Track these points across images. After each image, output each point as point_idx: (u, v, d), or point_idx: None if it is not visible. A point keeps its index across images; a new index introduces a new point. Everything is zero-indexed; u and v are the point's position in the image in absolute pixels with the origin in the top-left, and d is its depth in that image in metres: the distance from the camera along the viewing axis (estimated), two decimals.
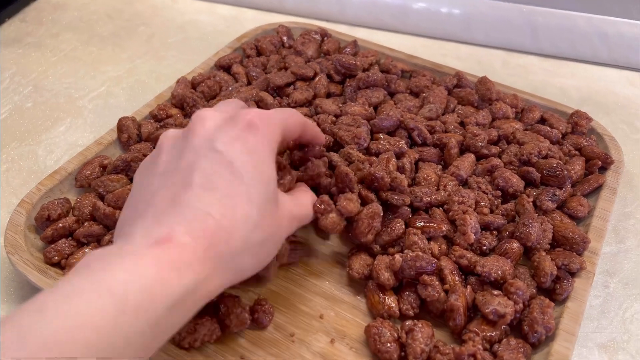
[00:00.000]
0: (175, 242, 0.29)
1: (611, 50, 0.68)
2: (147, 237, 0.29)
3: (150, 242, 0.29)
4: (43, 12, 0.76)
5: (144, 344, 0.26)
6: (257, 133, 0.33)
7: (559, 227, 0.44)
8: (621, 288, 0.44)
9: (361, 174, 0.45)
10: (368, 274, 0.42)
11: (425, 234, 0.43)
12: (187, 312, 0.29)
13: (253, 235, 0.32)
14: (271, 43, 0.64)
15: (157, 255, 0.28)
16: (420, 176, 0.49)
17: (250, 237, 0.32)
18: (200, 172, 0.32)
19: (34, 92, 0.62)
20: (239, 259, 0.32)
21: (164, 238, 0.29)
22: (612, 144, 0.53)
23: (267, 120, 0.35)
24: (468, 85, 0.59)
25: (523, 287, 0.39)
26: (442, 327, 0.40)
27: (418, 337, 0.37)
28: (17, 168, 0.53)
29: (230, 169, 0.32)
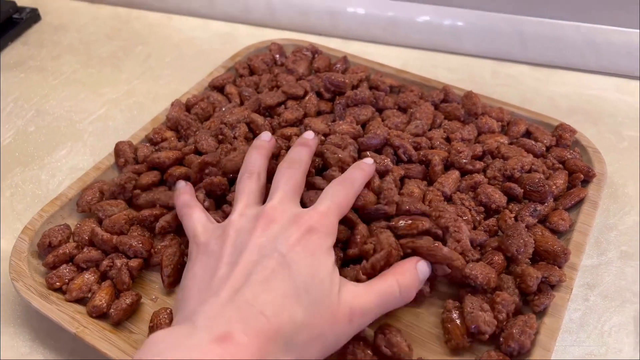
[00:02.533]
0: (235, 341, 0.31)
1: (600, 57, 0.69)
2: (209, 332, 0.32)
3: (213, 337, 0.31)
4: (44, 35, 0.79)
5: None
6: (316, 236, 0.38)
7: (540, 241, 0.45)
8: (600, 301, 0.45)
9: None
10: None
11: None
12: None
13: (298, 336, 0.34)
14: (263, 62, 0.66)
15: (219, 354, 0.31)
16: (405, 192, 0.50)
17: (295, 338, 0.34)
18: (261, 271, 0.35)
19: (37, 116, 0.64)
20: (285, 356, 0.34)
21: (225, 336, 0.32)
22: (596, 157, 0.54)
23: (326, 221, 0.39)
24: (455, 100, 0.60)
25: (508, 299, 0.41)
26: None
27: None
28: (22, 193, 0.55)
29: (289, 274, 0.35)
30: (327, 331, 0.35)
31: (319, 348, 0.35)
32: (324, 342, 0.36)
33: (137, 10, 0.84)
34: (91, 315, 0.42)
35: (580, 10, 0.68)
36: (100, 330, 0.41)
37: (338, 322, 0.36)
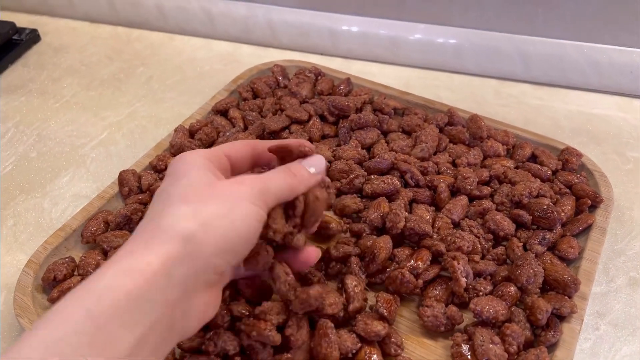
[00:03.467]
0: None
1: (602, 76, 0.69)
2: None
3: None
4: (44, 56, 0.78)
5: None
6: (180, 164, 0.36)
7: (549, 269, 0.45)
8: (611, 329, 0.45)
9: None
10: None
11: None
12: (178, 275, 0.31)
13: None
14: (266, 84, 0.66)
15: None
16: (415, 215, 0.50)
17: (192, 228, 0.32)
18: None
19: (38, 141, 0.64)
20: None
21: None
22: (602, 181, 0.54)
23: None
24: (459, 123, 0.60)
25: (518, 331, 0.41)
26: None
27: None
28: (24, 222, 0.54)
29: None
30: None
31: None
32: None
33: (138, 30, 0.83)
34: None
35: (582, 30, 0.69)
36: None
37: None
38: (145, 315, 0.29)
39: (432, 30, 0.74)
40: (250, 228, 0.33)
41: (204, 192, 0.33)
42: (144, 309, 0.29)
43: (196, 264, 0.31)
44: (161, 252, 0.30)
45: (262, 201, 0.34)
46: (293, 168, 0.38)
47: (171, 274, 0.30)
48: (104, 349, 0.27)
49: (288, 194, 0.36)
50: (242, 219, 0.33)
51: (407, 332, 0.44)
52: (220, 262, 0.32)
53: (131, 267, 0.29)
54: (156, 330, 0.29)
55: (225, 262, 0.33)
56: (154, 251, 0.30)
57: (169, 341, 0.31)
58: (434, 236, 0.48)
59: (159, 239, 0.31)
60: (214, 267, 0.32)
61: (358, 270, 0.46)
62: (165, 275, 0.29)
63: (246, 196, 0.33)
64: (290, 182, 0.36)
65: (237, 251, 0.33)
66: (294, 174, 0.37)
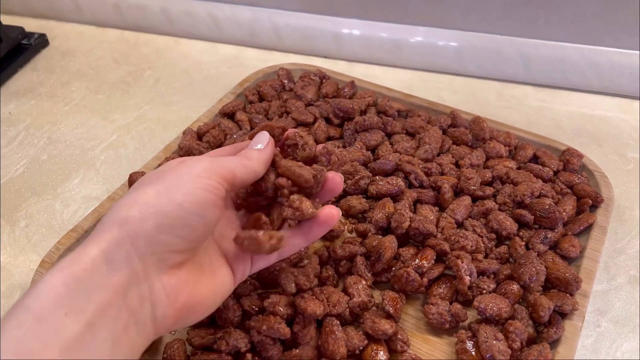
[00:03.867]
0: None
1: (602, 78, 0.70)
2: None
3: None
4: (52, 60, 0.79)
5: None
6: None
7: (551, 268, 0.46)
8: (612, 326, 0.46)
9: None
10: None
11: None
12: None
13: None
14: (272, 87, 0.67)
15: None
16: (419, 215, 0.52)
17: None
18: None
19: (49, 144, 0.65)
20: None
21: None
22: (603, 181, 0.55)
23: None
24: (462, 125, 0.61)
25: (521, 328, 0.42)
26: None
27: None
28: (36, 224, 0.56)
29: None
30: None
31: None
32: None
33: (145, 34, 0.85)
34: None
35: (583, 33, 0.70)
36: None
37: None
38: (89, 301, 0.28)
39: (435, 33, 0.75)
40: (195, 199, 0.32)
41: (155, 178, 0.33)
42: (87, 295, 0.28)
43: (138, 244, 0.30)
44: (99, 240, 0.30)
45: (213, 172, 0.34)
46: (242, 152, 0.38)
47: (111, 259, 0.29)
48: (49, 338, 0.26)
49: (244, 171, 0.36)
50: (185, 192, 0.32)
51: (413, 330, 0.45)
52: (170, 239, 0.31)
53: (69, 261, 0.29)
54: (108, 316, 0.29)
55: (177, 238, 0.32)
56: (92, 242, 0.30)
57: (135, 331, 0.30)
58: (438, 236, 0.49)
59: (97, 232, 0.31)
60: (163, 245, 0.31)
61: (364, 269, 0.47)
62: (105, 260, 0.29)
63: (193, 171, 0.33)
64: (243, 162, 0.36)
65: (187, 225, 0.32)
66: (245, 156, 0.37)
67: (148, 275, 0.31)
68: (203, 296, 0.34)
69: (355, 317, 0.45)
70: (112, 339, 0.29)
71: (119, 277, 0.29)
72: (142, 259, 0.31)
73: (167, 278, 0.32)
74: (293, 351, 0.41)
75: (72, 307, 0.27)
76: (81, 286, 0.28)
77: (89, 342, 0.27)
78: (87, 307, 0.28)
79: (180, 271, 0.33)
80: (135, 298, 0.30)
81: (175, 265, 0.32)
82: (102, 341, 0.28)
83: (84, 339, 0.27)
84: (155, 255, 0.31)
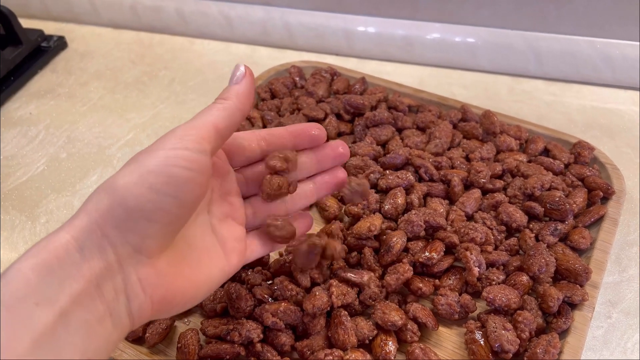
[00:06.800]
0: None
1: (615, 71, 0.70)
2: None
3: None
4: (71, 62, 0.81)
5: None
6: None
7: (561, 259, 0.46)
8: (623, 318, 0.46)
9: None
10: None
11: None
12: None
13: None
14: (284, 85, 0.68)
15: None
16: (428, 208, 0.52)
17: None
18: None
19: (68, 143, 0.67)
20: None
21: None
22: (614, 173, 0.55)
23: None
24: (473, 119, 0.61)
25: (530, 318, 0.42)
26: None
27: None
28: (56, 219, 0.57)
29: None
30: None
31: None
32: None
33: (160, 35, 0.86)
34: (128, 339, 0.44)
35: (594, 26, 0.69)
36: (136, 355, 0.43)
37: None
38: (61, 290, 0.26)
39: (446, 29, 0.75)
40: (165, 178, 0.29)
41: (132, 159, 0.30)
42: (59, 284, 0.26)
43: (108, 232, 0.28)
44: (71, 227, 0.28)
45: (188, 139, 0.30)
46: (220, 94, 0.34)
47: (83, 247, 0.27)
48: (19, 327, 0.24)
49: (227, 115, 0.32)
50: (153, 170, 0.28)
51: None
52: (142, 225, 0.29)
53: (39, 248, 0.27)
54: (82, 307, 0.27)
55: (149, 223, 0.29)
56: (63, 229, 0.28)
57: (111, 324, 0.28)
58: (448, 229, 0.50)
59: (71, 218, 0.28)
60: (135, 232, 0.28)
61: (373, 261, 0.47)
62: (78, 248, 0.27)
63: (166, 144, 0.30)
64: (221, 107, 0.33)
65: (159, 208, 0.29)
66: (221, 98, 0.33)
67: (122, 267, 0.29)
68: (183, 289, 0.32)
69: (365, 308, 0.45)
70: (85, 330, 0.27)
71: (92, 266, 0.27)
72: (115, 249, 0.28)
73: (144, 270, 0.29)
74: (304, 341, 0.42)
75: (44, 296, 0.25)
76: (53, 274, 0.26)
77: (61, 333, 0.26)
78: (59, 297, 0.26)
79: (159, 261, 0.30)
80: (109, 290, 0.28)
81: (152, 254, 0.30)
82: (74, 332, 0.26)
83: (56, 329, 0.25)
84: (129, 244, 0.28)
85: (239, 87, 0.34)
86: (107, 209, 0.28)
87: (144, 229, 0.29)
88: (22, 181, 0.62)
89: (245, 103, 0.34)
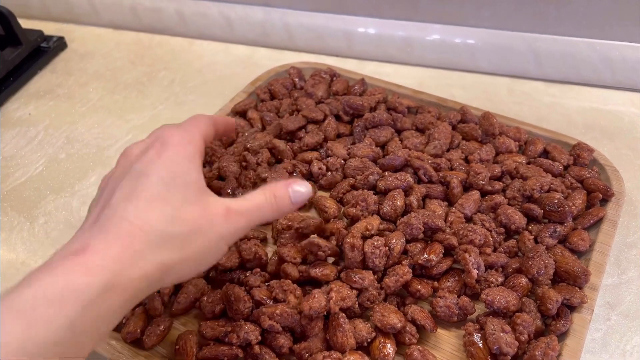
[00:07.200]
0: (89, 250, 0.30)
1: (615, 73, 0.70)
2: (64, 252, 0.31)
3: (66, 254, 0.30)
4: (71, 62, 0.81)
5: (65, 346, 0.28)
6: (170, 148, 0.36)
7: (560, 262, 0.46)
8: (622, 320, 0.46)
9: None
10: None
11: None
12: (108, 310, 0.30)
13: (171, 228, 0.33)
14: (283, 86, 0.68)
15: (68, 265, 0.29)
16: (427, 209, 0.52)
17: (168, 230, 0.33)
18: (120, 190, 0.34)
19: (67, 143, 0.67)
20: (161, 253, 0.33)
21: (79, 249, 0.30)
22: (614, 175, 0.55)
23: (180, 134, 0.37)
24: (472, 120, 0.61)
25: (529, 320, 0.42)
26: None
27: None
28: (54, 220, 0.57)
29: (148, 181, 0.34)
30: (205, 225, 0.35)
31: (200, 244, 0.35)
32: (205, 237, 0.35)
33: (159, 36, 0.86)
34: (126, 341, 0.44)
35: (594, 27, 0.69)
36: (134, 356, 0.42)
37: (214, 216, 0.35)
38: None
39: (445, 30, 0.75)
40: (201, 265, 0.37)
41: (186, 215, 0.34)
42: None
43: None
44: (106, 278, 0.30)
45: (233, 239, 0.37)
46: (278, 195, 0.39)
47: (105, 304, 0.30)
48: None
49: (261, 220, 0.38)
50: (210, 263, 0.37)
51: None
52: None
53: (68, 286, 0.29)
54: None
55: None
56: (95, 269, 0.30)
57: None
58: (447, 230, 0.50)
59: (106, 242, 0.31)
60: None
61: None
62: (100, 303, 0.30)
63: (220, 243, 0.36)
64: (269, 215, 0.38)
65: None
66: (277, 207, 0.38)
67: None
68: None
69: (364, 310, 0.45)
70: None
71: (103, 327, 0.31)
72: (120, 312, 0.32)
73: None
74: (302, 343, 0.42)
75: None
76: (73, 333, 0.28)
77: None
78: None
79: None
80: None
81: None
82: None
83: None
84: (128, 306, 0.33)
85: (295, 207, 0.40)
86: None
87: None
88: (21, 182, 0.62)
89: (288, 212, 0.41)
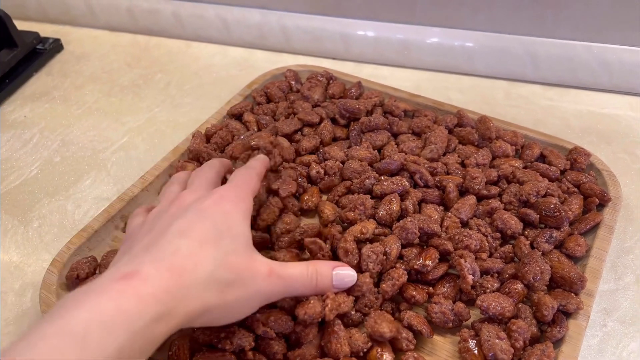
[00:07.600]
0: (140, 276, 0.31)
1: (612, 76, 0.70)
2: (114, 274, 0.32)
3: (117, 277, 0.31)
4: (67, 64, 0.81)
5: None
6: (227, 202, 0.39)
7: (556, 267, 0.46)
8: (619, 326, 0.46)
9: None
10: None
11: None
12: (153, 339, 0.31)
13: (218, 271, 0.35)
14: (279, 89, 0.68)
15: (120, 289, 0.30)
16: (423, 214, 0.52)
17: (215, 272, 0.34)
18: (177, 225, 0.36)
19: (62, 146, 0.67)
20: (205, 293, 0.34)
21: (130, 273, 0.31)
22: (611, 180, 0.54)
23: (234, 190, 0.41)
24: (469, 124, 0.61)
25: (524, 327, 0.42)
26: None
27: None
28: (49, 224, 0.57)
29: (204, 224, 0.36)
30: (246, 277, 0.36)
31: (239, 293, 0.36)
32: (245, 289, 0.36)
33: (156, 38, 0.86)
34: None
35: (591, 31, 0.69)
36: None
37: (257, 272, 0.37)
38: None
39: (442, 33, 0.75)
40: (234, 314, 0.38)
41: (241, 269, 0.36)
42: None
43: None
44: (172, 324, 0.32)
45: (267, 299, 0.39)
46: (320, 272, 0.41)
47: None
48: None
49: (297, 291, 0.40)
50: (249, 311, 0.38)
51: None
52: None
53: (120, 312, 0.29)
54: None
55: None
56: (146, 297, 0.31)
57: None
58: (443, 235, 0.49)
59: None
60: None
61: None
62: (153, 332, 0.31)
63: (262, 297, 0.38)
64: (307, 289, 0.40)
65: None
66: (316, 283, 0.41)
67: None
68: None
69: (363, 317, 0.45)
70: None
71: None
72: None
73: None
74: (296, 350, 0.41)
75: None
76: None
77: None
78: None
79: None
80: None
81: None
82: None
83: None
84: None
85: (334, 290, 0.42)
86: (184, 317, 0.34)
87: None
88: (16, 185, 0.61)
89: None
